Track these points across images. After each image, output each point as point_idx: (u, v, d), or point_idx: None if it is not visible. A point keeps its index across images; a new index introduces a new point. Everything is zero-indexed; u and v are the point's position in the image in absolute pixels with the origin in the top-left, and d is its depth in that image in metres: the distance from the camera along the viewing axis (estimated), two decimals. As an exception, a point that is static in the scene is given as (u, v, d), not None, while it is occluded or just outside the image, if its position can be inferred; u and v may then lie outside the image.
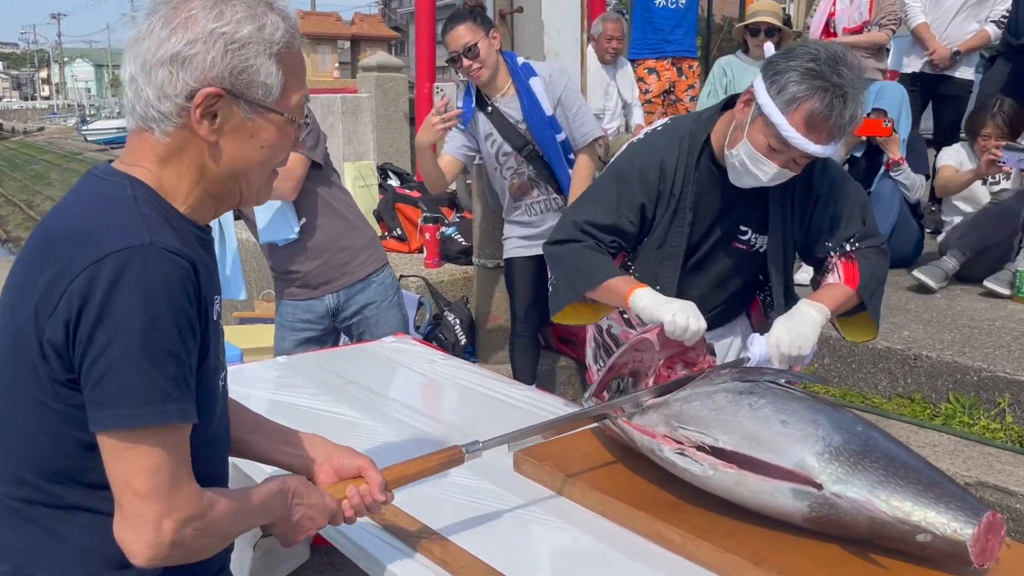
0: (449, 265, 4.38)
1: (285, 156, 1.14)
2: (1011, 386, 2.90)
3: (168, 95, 1.03)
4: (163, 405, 0.97)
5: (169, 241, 1.01)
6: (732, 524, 1.42)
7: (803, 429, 1.38)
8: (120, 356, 0.95)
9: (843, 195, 1.91)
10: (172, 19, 1.03)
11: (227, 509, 1.07)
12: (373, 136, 6.78)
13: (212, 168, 1.09)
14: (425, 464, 1.38)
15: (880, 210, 4.08)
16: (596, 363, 2.30)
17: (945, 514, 1.26)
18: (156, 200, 1.06)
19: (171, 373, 0.98)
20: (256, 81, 1.06)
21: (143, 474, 0.97)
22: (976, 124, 3.96)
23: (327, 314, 2.66)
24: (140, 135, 1.08)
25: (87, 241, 0.99)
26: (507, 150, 3.04)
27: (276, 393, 2.08)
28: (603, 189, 1.96)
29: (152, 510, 0.98)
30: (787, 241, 1.95)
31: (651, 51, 5.64)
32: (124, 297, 0.95)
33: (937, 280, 3.85)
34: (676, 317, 1.63)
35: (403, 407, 2.04)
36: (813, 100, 1.63)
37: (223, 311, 1.20)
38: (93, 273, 0.96)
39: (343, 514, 1.28)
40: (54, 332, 0.98)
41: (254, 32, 1.04)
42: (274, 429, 1.36)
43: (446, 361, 2.42)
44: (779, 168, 1.74)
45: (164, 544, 0.99)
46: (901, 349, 3.19)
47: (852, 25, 4.89)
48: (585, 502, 1.54)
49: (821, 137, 1.67)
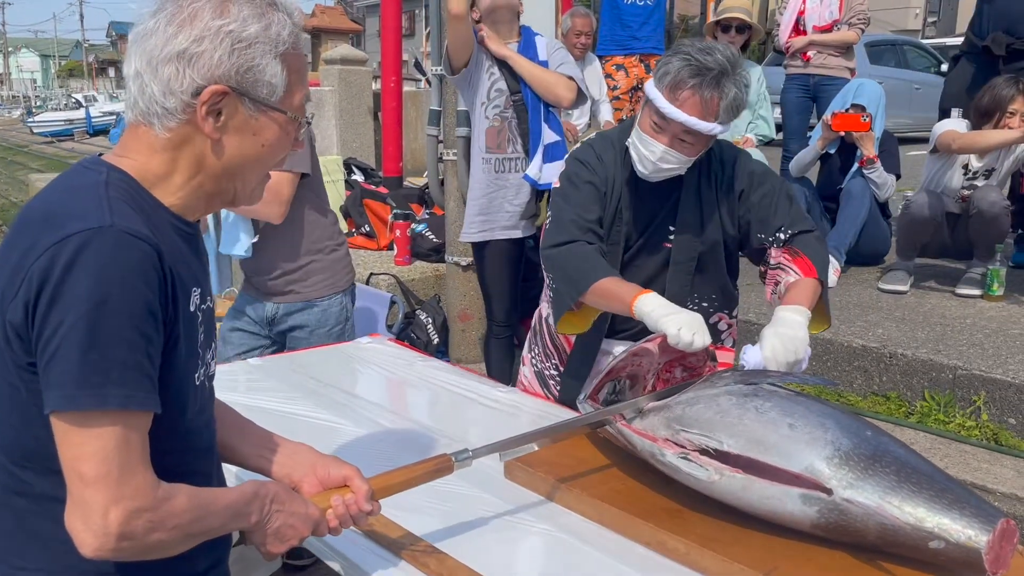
0: (420, 262, 4.31)
1: (283, 156, 1.15)
2: (986, 384, 2.92)
3: (174, 91, 1.04)
4: (104, 389, 0.94)
5: (131, 225, 0.99)
6: (736, 531, 1.37)
7: (811, 433, 1.33)
8: (66, 338, 0.94)
9: (766, 187, 1.97)
10: (178, 15, 1.03)
11: (187, 505, 1.03)
12: (336, 130, 6.66)
13: (211, 164, 1.09)
14: (412, 473, 1.32)
15: (850, 208, 4.12)
16: (530, 351, 2.26)
17: (960, 520, 1.23)
18: (133, 187, 1.06)
19: (119, 358, 0.95)
20: (261, 80, 1.07)
21: (90, 459, 0.95)
22: (1000, 102, 3.75)
23: (264, 322, 2.56)
24: (137, 129, 1.08)
25: (50, 224, 0.98)
26: (501, 87, 3.10)
27: (248, 397, 1.98)
28: (570, 193, 1.98)
29: (98, 497, 0.95)
30: (716, 241, 2.01)
31: (619, 48, 5.62)
32: (77, 278, 0.94)
33: (903, 283, 3.89)
34: (681, 332, 1.59)
35: (383, 411, 1.96)
36: (680, 73, 1.76)
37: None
38: (53, 254, 0.95)
39: (327, 524, 1.22)
40: (15, 314, 0.97)
41: (260, 31, 1.05)
42: (259, 435, 1.31)
43: (424, 362, 2.34)
44: (666, 147, 1.83)
45: (111, 535, 0.96)
46: (876, 347, 3.19)
47: (822, 23, 4.92)
48: (581, 510, 1.48)
49: (693, 108, 1.77)
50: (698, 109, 1.77)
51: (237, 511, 1.10)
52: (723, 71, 1.76)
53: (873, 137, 4.06)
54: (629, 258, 2.02)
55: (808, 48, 4.98)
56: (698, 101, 1.76)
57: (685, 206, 1.98)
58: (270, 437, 1.32)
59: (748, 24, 4.55)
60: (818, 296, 1.87)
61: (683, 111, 1.77)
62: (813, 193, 4.39)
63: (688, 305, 1.96)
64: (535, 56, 3.10)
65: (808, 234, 1.95)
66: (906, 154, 4.64)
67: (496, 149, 3.13)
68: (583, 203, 1.94)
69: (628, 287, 1.78)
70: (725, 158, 2.00)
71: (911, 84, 11.04)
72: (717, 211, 1.98)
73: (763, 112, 4.64)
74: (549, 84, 3.04)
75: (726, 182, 1.97)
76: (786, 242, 1.93)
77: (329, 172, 5.23)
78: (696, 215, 1.98)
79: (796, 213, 1.97)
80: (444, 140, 3.99)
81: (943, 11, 22.60)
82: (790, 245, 1.93)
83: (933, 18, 22.93)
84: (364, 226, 4.69)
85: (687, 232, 1.99)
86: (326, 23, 9.67)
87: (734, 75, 1.78)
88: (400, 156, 5.81)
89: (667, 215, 1.99)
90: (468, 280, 3.78)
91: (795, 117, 5.22)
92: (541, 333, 2.24)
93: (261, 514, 1.13)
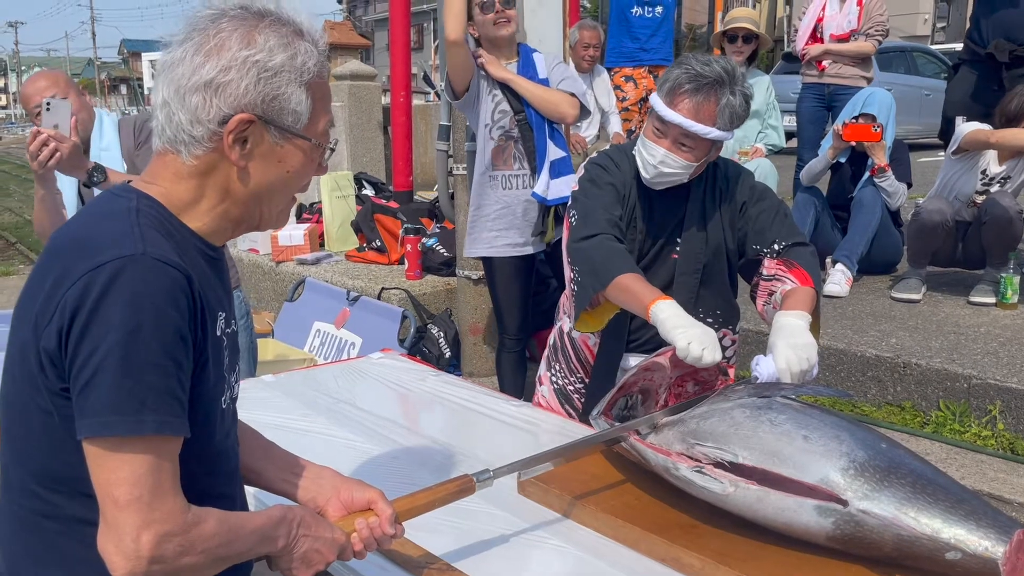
0: (431, 276, 4.32)
1: (308, 180, 1.16)
2: (1001, 393, 2.90)
3: (201, 120, 1.05)
4: (140, 416, 0.96)
5: (163, 252, 1.01)
6: (751, 546, 1.37)
7: (826, 445, 1.33)
8: (101, 365, 0.95)
9: (765, 203, 2.05)
10: (205, 45, 1.05)
11: (216, 529, 1.04)
12: (347, 145, 6.70)
13: (238, 191, 1.11)
14: (435, 495, 1.33)
15: (861, 217, 4.11)
16: (549, 369, 2.26)
17: (976, 531, 1.22)
18: (162, 214, 1.07)
19: (152, 384, 0.97)
20: (287, 108, 1.08)
21: (123, 484, 0.97)
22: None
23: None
24: (164, 157, 1.10)
25: (83, 251, 1.00)
26: (504, 108, 3.10)
27: (263, 414, 1.99)
28: (594, 192, 2.02)
29: (131, 521, 0.97)
30: (718, 252, 2.06)
31: (628, 60, 5.64)
32: (110, 306, 0.96)
33: (916, 291, 3.87)
34: (691, 346, 1.60)
35: (398, 427, 1.96)
36: (679, 80, 1.86)
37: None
38: (87, 282, 0.97)
39: (352, 548, 1.22)
40: (49, 341, 0.99)
41: (286, 61, 1.07)
42: (283, 458, 1.32)
43: (437, 377, 2.34)
44: (666, 151, 1.91)
45: (143, 558, 0.97)
46: (890, 357, 3.18)
47: (840, 32, 4.92)
48: (595, 525, 1.48)
49: (688, 111, 1.85)
50: (692, 112, 1.85)
51: (265, 535, 1.11)
52: (719, 80, 1.84)
53: (884, 146, 4.05)
54: (643, 268, 2.04)
55: (823, 57, 4.98)
56: (692, 105, 1.85)
57: (691, 217, 2.03)
58: (295, 461, 1.33)
59: (755, 33, 4.57)
60: (813, 302, 1.88)
61: (679, 113, 1.86)
62: (823, 202, 4.38)
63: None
64: (535, 74, 3.10)
65: (803, 247, 1.99)
66: (916, 161, 4.62)
67: (503, 166, 3.14)
68: (607, 202, 1.99)
69: (648, 288, 1.80)
70: (730, 174, 2.06)
71: (921, 90, 11.02)
72: (721, 223, 2.05)
73: (772, 121, 4.64)
74: (552, 103, 3.04)
75: (729, 195, 2.04)
76: (780, 253, 1.97)
77: (340, 187, 5.26)
78: (701, 226, 2.03)
79: (791, 228, 2.02)
80: (454, 154, 4.01)
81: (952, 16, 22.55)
82: (785, 257, 1.96)
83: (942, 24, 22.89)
84: (375, 241, 4.71)
85: (692, 243, 2.04)
86: (336, 39, 9.76)
87: (731, 84, 1.85)
88: (410, 170, 5.83)
89: (675, 227, 2.05)
90: (479, 294, 3.79)
91: (809, 126, 5.21)
92: (563, 349, 2.25)
93: (288, 539, 1.14)
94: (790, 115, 5.58)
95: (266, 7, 1.08)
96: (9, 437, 1.10)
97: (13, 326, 1.08)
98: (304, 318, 4.27)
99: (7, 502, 1.11)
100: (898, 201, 4.15)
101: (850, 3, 4.90)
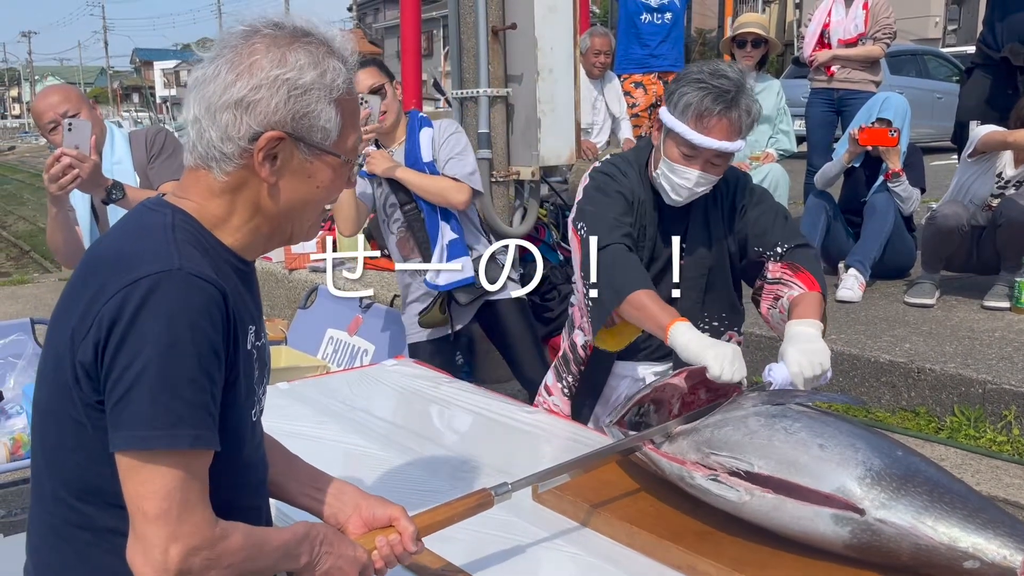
0: (442, 283, 4.31)
1: (337, 195, 1.18)
2: (1017, 398, 2.88)
3: (231, 137, 1.06)
4: (175, 430, 0.97)
5: (199, 267, 1.02)
6: (767, 553, 1.36)
7: (842, 453, 1.33)
8: (137, 379, 0.97)
9: (764, 204, 2.06)
10: (237, 64, 1.06)
11: (242, 544, 1.05)
12: (358, 153, 6.72)
13: (268, 207, 1.12)
14: (455, 510, 1.33)
15: (875, 222, 4.09)
16: (560, 380, 2.25)
17: (995, 540, 1.22)
18: (196, 229, 1.09)
19: (188, 398, 0.98)
20: (316, 125, 1.09)
21: (153, 497, 0.98)
22: None
23: None
24: (196, 173, 1.11)
25: (120, 266, 1.02)
26: (393, 201, 3.01)
27: (279, 421, 2.00)
28: (602, 201, 2.01)
29: (160, 534, 0.98)
30: (721, 256, 2.06)
31: (637, 66, 5.65)
32: (147, 321, 0.97)
33: (930, 296, 3.86)
34: (724, 368, 1.60)
35: (412, 434, 1.97)
36: (702, 102, 1.84)
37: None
38: (123, 296, 0.98)
39: (373, 566, 1.23)
40: (85, 354, 1.00)
41: (316, 78, 1.07)
42: (305, 472, 1.33)
43: (450, 384, 2.35)
44: (699, 172, 1.91)
45: (171, 571, 0.98)
46: (904, 362, 3.17)
47: (847, 37, 4.91)
48: (611, 533, 1.48)
49: (721, 133, 1.86)
50: (726, 132, 1.86)
51: (288, 551, 1.12)
52: (739, 89, 1.85)
53: (900, 151, 4.04)
54: (652, 276, 2.04)
55: (832, 62, 4.97)
56: (726, 125, 1.86)
57: (695, 223, 2.04)
58: (317, 475, 1.33)
59: (764, 38, 4.56)
60: (821, 306, 1.88)
61: (713, 137, 1.85)
62: (834, 207, 4.37)
63: (700, 324, 1.98)
64: (419, 159, 2.92)
65: (806, 249, 2.00)
66: (928, 164, 4.60)
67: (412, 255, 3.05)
68: (618, 211, 1.99)
69: (664, 309, 1.81)
70: (729, 178, 2.06)
71: (932, 93, 10.98)
72: (723, 227, 2.05)
73: (783, 126, 4.64)
74: (437, 192, 2.89)
75: (730, 199, 2.05)
76: (783, 256, 1.97)
77: (352, 195, 5.26)
78: (704, 232, 2.05)
79: (792, 230, 2.03)
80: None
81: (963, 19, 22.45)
82: (789, 260, 1.96)
83: (953, 26, 22.78)
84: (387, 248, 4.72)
85: (696, 248, 2.05)
86: (346, 47, 9.77)
87: (746, 90, 1.87)
88: (421, 177, 5.82)
89: (681, 234, 2.05)
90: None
91: (819, 131, 5.20)
92: (576, 359, 2.22)
93: (311, 556, 1.14)
94: (800, 119, 5.58)
95: (298, 26, 1.09)
96: (43, 448, 1.11)
97: (48, 338, 1.10)
98: (317, 325, 4.28)
99: (40, 511, 1.13)
100: (911, 206, 4.13)
101: (856, 7, 4.89)
